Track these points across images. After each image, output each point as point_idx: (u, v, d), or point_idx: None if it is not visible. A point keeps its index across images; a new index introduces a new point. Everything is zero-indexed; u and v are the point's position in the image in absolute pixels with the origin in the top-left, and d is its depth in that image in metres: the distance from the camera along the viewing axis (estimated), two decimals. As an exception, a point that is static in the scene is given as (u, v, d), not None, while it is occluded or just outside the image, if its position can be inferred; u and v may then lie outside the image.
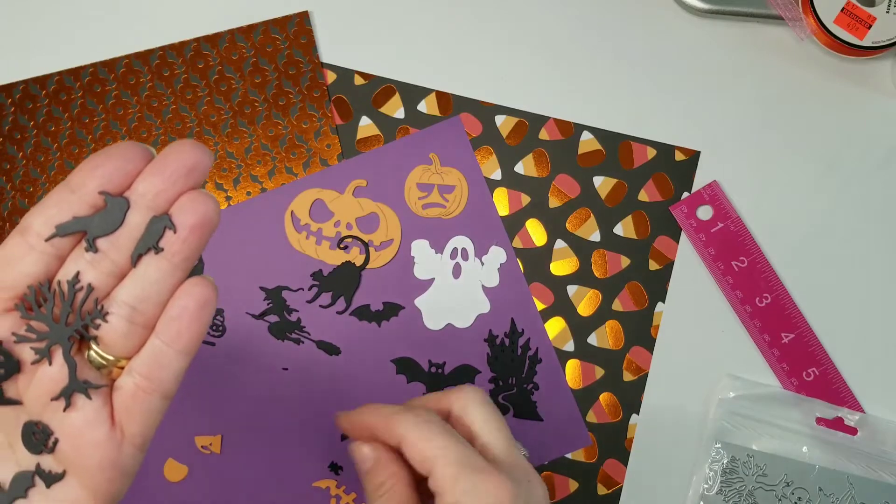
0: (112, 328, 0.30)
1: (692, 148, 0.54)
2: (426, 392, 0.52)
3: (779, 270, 0.53)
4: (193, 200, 0.29)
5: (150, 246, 0.29)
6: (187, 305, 0.30)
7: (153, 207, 0.29)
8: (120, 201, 0.29)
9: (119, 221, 0.29)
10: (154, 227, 0.29)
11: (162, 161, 0.29)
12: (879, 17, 0.51)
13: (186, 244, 0.29)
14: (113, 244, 0.29)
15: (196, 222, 0.29)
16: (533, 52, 0.55)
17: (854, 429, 0.51)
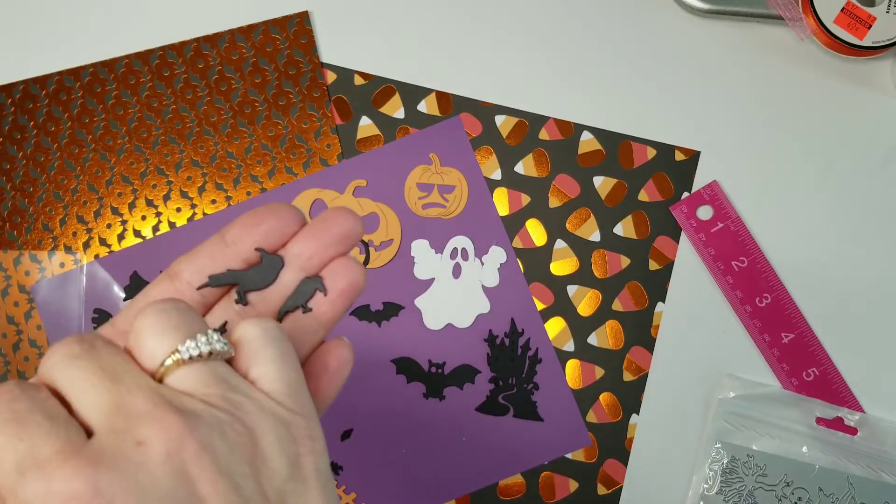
0: None
1: (692, 148, 0.54)
2: (426, 392, 0.53)
3: (779, 270, 0.53)
4: (345, 267, 0.30)
5: (300, 304, 0.30)
6: (328, 364, 0.30)
7: (306, 269, 0.30)
8: (275, 259, 0.30)
9: (272, 278, 0.30)
10: (305, 286, 0.30)
11: (319, 226, 0.30)
12: (879, 17, 0.51)
13: (334, 306, 0.30)
14: (263, 298, 0.30)
15: (345, 287, 0.30)
16: (533, 52, 0.55)
17: (854, 429, 0.51)
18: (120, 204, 0.54)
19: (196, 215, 0.53)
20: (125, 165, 0.54)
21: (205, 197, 0.54)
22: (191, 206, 0.54)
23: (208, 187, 0.54)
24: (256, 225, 0.30)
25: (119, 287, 0.53)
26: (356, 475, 0.52)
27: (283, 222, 0.30)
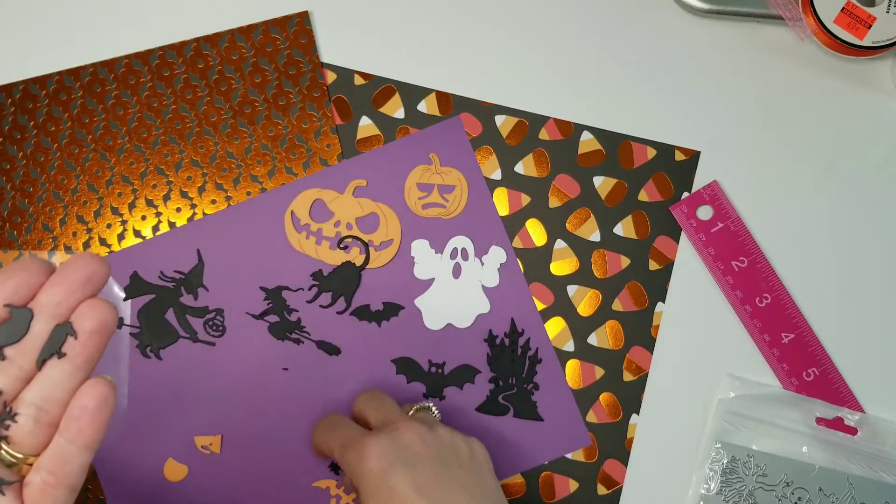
0: (20, 428, 0.32)
1: (692, 148, 0.54)
2: (426, 391, 0.53)
3: (779, 270, 0.53)
4: (92, 308, 0.32)
5: (54, 351, 0.32)
6: (86, 405, 0.32)
7: (55, 315, 0.32)
8: (24, 312, 0.31)
9: (24, 330, 0.31)
10: (57, 334, 0.31)
11: (62, 273, 0.32)
12: (879, 17, 0.51)
13: (86, 348, 0.32)
14: (19, 351, 0.32)
15: (94, 328, 0.31)
16: (533, 52, 0.55)
17: (854, 429, 0.51)
18: (120, 204, 0.54)
19: (196, 215, 0.53)
20: (125, 165, 0.54)
21: (205, 197, 0.54)
22: (191, 207, 0.54)
23: (208, 187, 0.54)
24: (2, 282, 0.31)
25: (119, 287, 0.53)
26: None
27: (30, 275, 0.32)
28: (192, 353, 0.52)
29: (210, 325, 0.52)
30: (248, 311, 0.53)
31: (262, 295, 0.53)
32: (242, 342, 0.52)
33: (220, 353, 0.52)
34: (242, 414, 0.52)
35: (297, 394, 0.52)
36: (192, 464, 0.52)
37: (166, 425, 0.52)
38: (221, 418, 0.52)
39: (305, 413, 0.52)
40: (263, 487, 0.52)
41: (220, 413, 0.52)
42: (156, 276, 0.53)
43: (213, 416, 0.52)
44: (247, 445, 0.52)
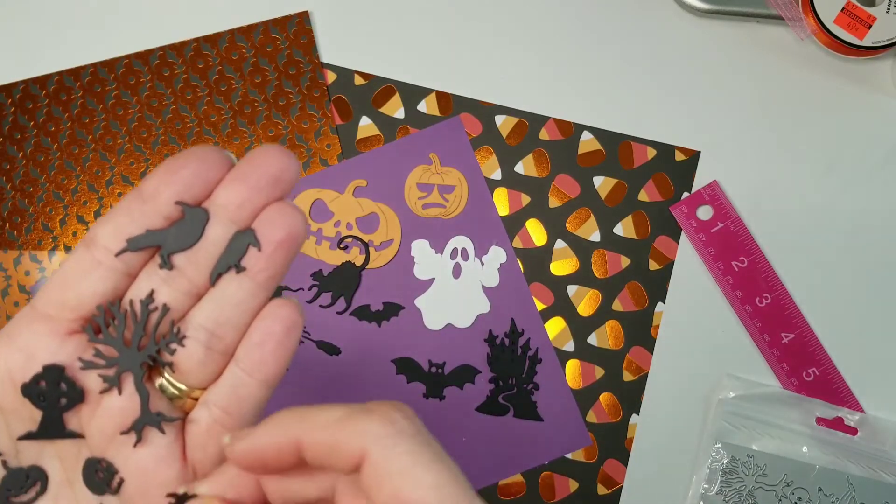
0: (188, 354, 0.27)
1: (692, 148, 0.54)
2: (426, 392, 0.53)
3: (779, 270, 0.53)
4: (280, 213, 0.26)
5: (232, 264, 0.26)
6: (272, 330, 0.27)
7: (235, 220, 0.26)
8: (198, 213, 0.26)
9: (197, 235, 0.26)
10: (236, 243, 0.26)
11: (246, 168, 0.26)
12: (879, 17, 0.51)
13: (271, 262, 0.26)
14: (190, 261, 0.27)
15: (283, 238, 0.26)
16: (533, 52, 0.55)
17: (854, 429, 0.51)
18: (120, 204, 0.54)
19: (196, 215, 0.53)
20: (125, 165, 0.54)
21: (205, 197, 0.54)
22: (191, 206, 0.54)
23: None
24: (174, 173, 0.26)
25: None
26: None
27: (206, 166, 0.26)
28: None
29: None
30: (248, 311, 0.53)
31: (262, 295, 0.53)
32: (242, 342, 0.52)
33: (220, 353, 0.52)
34: (242, 414, 0.52)
35: (297, 394, 0.52)
36: (192, 464, 0.52)
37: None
38: (221, 418, 0.52)
39: (305, 413, 0.52)
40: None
41: (220, 413, 0.52)
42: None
43: (213, 416, 0.52)
44: (247, 445, 0.52)
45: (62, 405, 0.27)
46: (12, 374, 0.27)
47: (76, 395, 0.27)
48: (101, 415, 0.27)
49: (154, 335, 0.27)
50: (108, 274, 0.27)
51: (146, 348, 0.27)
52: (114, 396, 0.27)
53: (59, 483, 0.28)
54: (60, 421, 0.28)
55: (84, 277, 0.27)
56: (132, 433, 0.27)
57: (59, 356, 0.27)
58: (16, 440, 0.28)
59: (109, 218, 0.27)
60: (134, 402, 0.27)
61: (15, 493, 0.28)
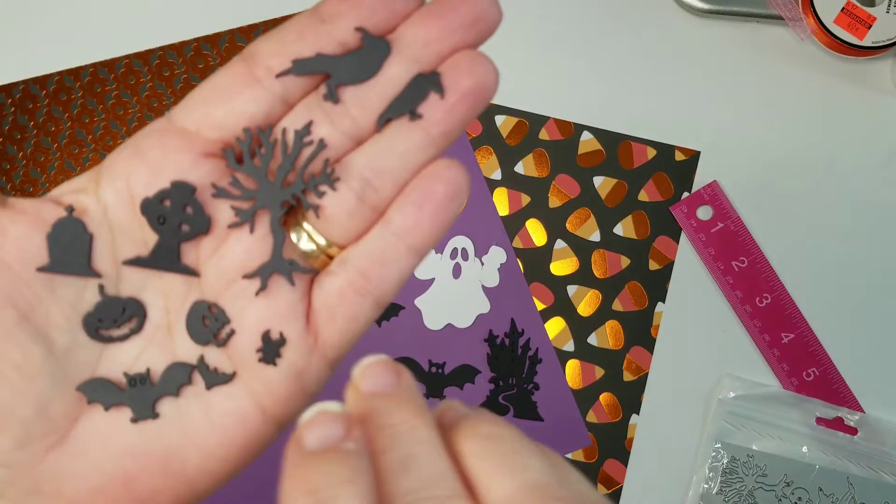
0: (337, 201, 0.24)
1: (692, 148, 0.54)
2: (426, 392, 0.53)
3: (779, 270, 0.53)
4: (472, 60, 0.23)
5: (407, 109, 0.23)
6: (434, 190, 0.23)
7: (419, 60, 0.23)
8: (380, 44, 0.23)
9: (374, 69, 0.23)
10: (416, 85, 0.23)
11: (441, 3, 0.23)
12: (879, 17, 0.51)
13: (452, 114, 0.23)
14: (359, 98, 0.23)
15: (470, 88, 0.23)
16: (533, 52, 0.55)
17: (854, 429, 0.51)
18: (120, 204, 0.54)
19: (196, 215, 0.53)
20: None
21: (205, 197, 0.54)
22: (191, 206, 0.54)
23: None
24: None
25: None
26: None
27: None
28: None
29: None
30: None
31: (262, 295, 0.53)
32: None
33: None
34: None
35: (297, 394, 0.52)
36: (192, 464, 0.52)
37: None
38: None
39: (305, 413, 0.52)
40: (263, 487, 0.52)
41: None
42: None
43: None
44: (247, 445, 0.52)
45: (183, 232, 0.24)
46: (132, 189, 0.24)
47: (201, 223, 0.24)
48: (224, 253, 0.24)
49: (303, 172, 0.24)
50: (264, 95, 0.23)
51: (291, 186, 0.24)
52: (243, 234, 0.24)
53: (158, 324, 0.25)
54: (176, 251, 0.24)
55: (236, 94, 0.24)
56: (256, 278, 0.24)
57: (190, 176, 0.24)
58: (120, 264, 0.24)
59: (276, 34, 0.23)
60: (264, 245, 0.24)
61: (106, 324, 0.24)
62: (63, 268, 0.24)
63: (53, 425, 0.24)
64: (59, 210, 0.24)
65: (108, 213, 0.24)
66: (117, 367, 0.24)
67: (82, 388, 0.24)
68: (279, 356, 0.24)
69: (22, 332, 0.23)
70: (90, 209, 0.24)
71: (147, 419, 0.24)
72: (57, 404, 0.24)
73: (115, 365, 0.24)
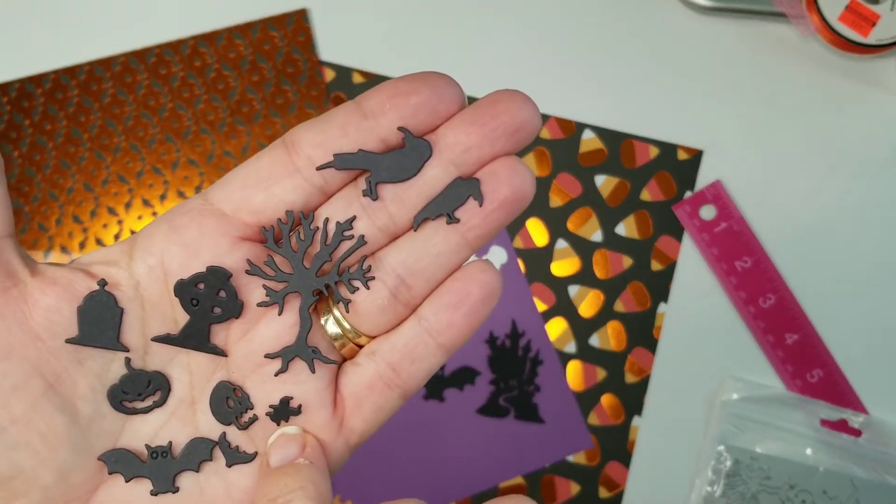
0: (370, 297, 0.24)
1: (695, 147, 0.54)
2: (426, 393, 0.52)
3: (782, 271, 0.53)
4: (511, 169, 0.23)
5: (445, 211, 0.23)
6: (470, 293, 0.25)
7: (458, 165, 0.23)
8: (421, 145, 0.23)
9: (414, 169, 0.23)
10: (456, 190, 0.23)
11: (483, 110, 0.23)
12: (884, 15, 0.51)
13: (489, 221, 0.24)
14: (398, 196, 0.24)
15: (509, 197, 0.23)
16: (534, 51, 0.55)
17: (858, 431, 0.51)
18: (116, 203, 0.53)
19: (193, 215, 0.53)
20: (121, 164, 0.54)
21: (202, 196, 0.53)
22: (188, 206, 0.53)
23: (205, 186, 0.53)
24: (405, 95, 0.23)
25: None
26: (354, 477, 0.52)
27: (440, 98, 0.23)
28: (189, 354, 0.52)
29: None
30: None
31: (260, 295, 0.52)
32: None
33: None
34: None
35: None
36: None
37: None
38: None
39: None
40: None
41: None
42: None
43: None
44: (244, 448, 0.51)
45: (214, 315, 0.24)
46: (166, 267, 0.25)
47: (234, 308, 0.25)
48: (253, 336, 0.25)
49: (339, 265, 0.24)
50: (303, 185, 0.24)
51: (326, 276, 0.24)
52: (273, 318, 0.25)
53: (182, 399, 0.25)
54: (206, 331, 0.25)
55: (276, 181, 0.24)
56: (278, 360, 0.25)
57: (226, 260, 0.24)
58: (149, 339, 0.25)
59: (319, 125, 0.24)
60: (294, 332, 0.25)
61: (131, 396, 0.25)
62: (92, 341, 0.24)
63: (74, 493, 0.24)
64: (91, 282, 0.24)
65: (140, 288, 0.25)
66: (140, 438, 0.25)
67: (104, 457, 0.25)
68: (286, 421, 0.25)
69: (48, 402, 0.24)
70: (122, 283, 0.25)
71: (167, 492, 0.25)
72: (78, 473, 0.24)
73: (137, 437, 0.25)
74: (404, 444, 0.52)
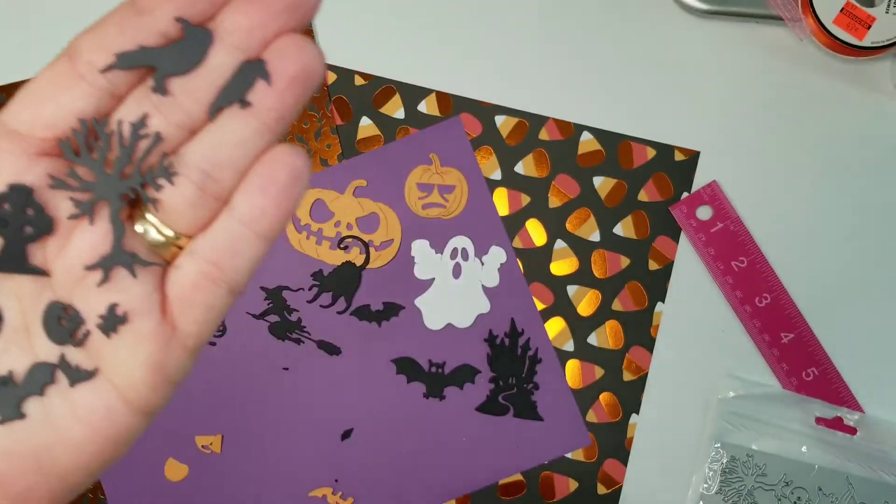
0: (178, 194, 0.24)
1: (692, 148, 0.54)
2: (426, 391, 0.53)
3: (778, 270, 0.53)
4: (295, 45, 0.23)
5: (236, 98, 0.23)
6: (276, 176, 0.24)
7: (243, 48, 0.23)
8: (202, 33, 0.23)
9: (198, 59, 0.23)
10: (243, 74, 0.23)
11: None
12: (879, 18, 0.51)
13: (282, 99, 0.23)
14: (188, 89, 0.23)
15: (296, 73, 0.23)
16: (533, 52, 0.55)
17: (853, 428, 0.51)
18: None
19: (196, 215, 0.53)
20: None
21: (205, 197, 0.54)
22: (191, 206, 0.54)
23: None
24: None
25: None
26: (355, 475, 0.52)
27: None
28: (192, 352, 0.52)
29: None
30: (248, 310, 0.53)
31: (263, 295, 0.53)
32: (243, 342, 0.52)
33: (221, 353, 0.52)
34: (242, 413, 0.52)
35: (298, 394, 0.52)
36: (192, 463, 0.52)
37: (167, 425, 0.52)
38: (222, 418, 0.52)
39: (305, 413, 0.52)
40: (263, 487, 0.52)
41: (220, 413, 0.52)
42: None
43: (213, 415, 0.52)
44: (247, 445, 0.52)
45: (27, 234, 0.24)
46: None
47: (44, 224, 0.24)
48: (69, 250, 0.24)
49: (140, 165, 0.24)
50: (91, 91, 0.23)
51: (129, 178, 0.24)
52: (85, 230, 0.24)
53: (15, 327, 0.25)
54: (23, 253, 0.24)
55: (63, 91, 0.23)
56: (98, 270, 0.24)
57: (27, 177, 0.24)
58: None
59: (96, 30, 0.23)
60: (107, 238, 0.24)
61: None
62: None
63: None
64: None
65: None
66: None
67: None
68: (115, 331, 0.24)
69: None
70: None
71: (14, 420, 0.25)
72: None
73: None
74: (405, 441, 0.52)
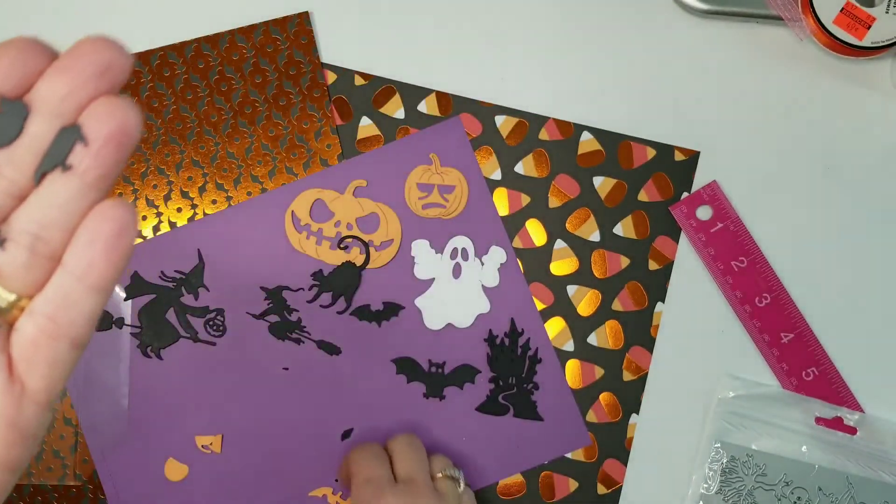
0: (10, 258, 0.25)
1: (692, 148, 0.54)
2: (426, 391, 0.53)
3: (778, 270, 0.53)
4: (108, 107, 0.24)
5: (58, 162, 0.24)
6: (101, 230, 0.24)
7: (59, 115, 0.24)
8: (17, 106, 0.24)
9: (17, 131, 0.24)
10: (61, 139, 0.24)
11: (69, 59, 0.24)
12: (879, 18, 0.52)
13: (100, 159, 0.24)
14: (10, 159, 0.24)
15: (111, 132, 0.24)
16: (533, 53, 0.55)
17: (853, 428, 0.52)
18: (120, 204, 0.54)
19: (197, 215, 0.54)
20: (125, 166, 0.54)
21: (205, 197, 0.54)
22: (191, 207, 0.54)
23: (209, 187, 0.54)
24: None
25: (120, 287, 0.53)
26: (356, 475, 0.52)
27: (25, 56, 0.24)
28: (192, 352, 0.52)
29: (210, 325, 0.52)
30: (248, 310, 0.53)
31: (263, 295, 0.53)
32: (243, 342, 0.52)
33: (221, 353, 0.52)
34: (243, 414, 0.52)
35: (298, 393, 0.52)
36: (192, 463, 0.52)
37: (167, 425, 0.52)
38: (222, 418, 0.52)
39: (306, 413, 0.52)
40: (264, 487, 0.52)
41: (220, 413, 0.52)
42: (157, 276, 0.53)
43: (213, 415, 0.52)
44: (247, 445, 0.52)
45: None
46: None
47: None
48: None
49: None
50: None
51: None
52: None
53: None
54: None
55: None
56: None
57: None
58: None
59: None
60: None
61: None
62: None
63: None
64: None
65: None
66: None
67: None
68: None
69: None
70: None
71: None
72: None
73: None
74: (405, 441, 0.52)
